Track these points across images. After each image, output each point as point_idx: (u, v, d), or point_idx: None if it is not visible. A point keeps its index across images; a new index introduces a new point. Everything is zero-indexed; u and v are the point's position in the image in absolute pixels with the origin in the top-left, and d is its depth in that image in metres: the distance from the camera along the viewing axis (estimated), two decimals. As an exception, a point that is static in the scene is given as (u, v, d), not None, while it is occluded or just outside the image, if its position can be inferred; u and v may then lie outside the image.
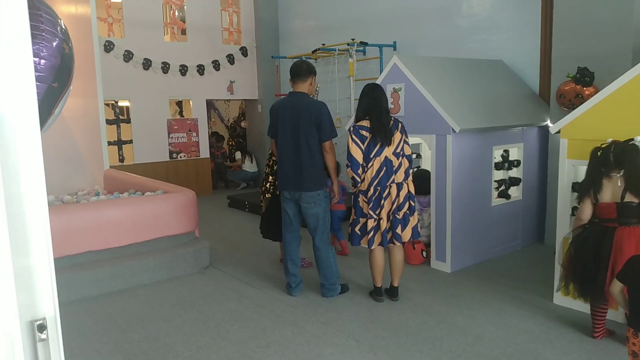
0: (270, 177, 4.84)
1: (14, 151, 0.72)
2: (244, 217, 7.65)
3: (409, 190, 4.00)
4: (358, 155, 3.91)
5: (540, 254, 5.29)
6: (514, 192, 5.42)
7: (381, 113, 3.94)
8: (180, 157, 9.32)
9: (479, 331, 3.60)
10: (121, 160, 8.76)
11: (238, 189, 10.09)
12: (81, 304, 4.26)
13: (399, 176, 3.95)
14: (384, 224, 3.97)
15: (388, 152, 3.91)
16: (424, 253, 5.10)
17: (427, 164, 5.72)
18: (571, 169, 3.85)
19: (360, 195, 4.02)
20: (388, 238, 4.01)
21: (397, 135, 3.94)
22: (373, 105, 3.96)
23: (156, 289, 4.61)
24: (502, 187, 5.29)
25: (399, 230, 3.97)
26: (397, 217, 3.96)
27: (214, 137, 10.71)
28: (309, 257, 5.06)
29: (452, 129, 4.59)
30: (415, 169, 5.86)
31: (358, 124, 3.99)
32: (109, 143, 7.78)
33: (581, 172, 3.90)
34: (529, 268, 4.88)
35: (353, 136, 3.93)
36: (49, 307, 0.76)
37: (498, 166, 5.17)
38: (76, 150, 7.30)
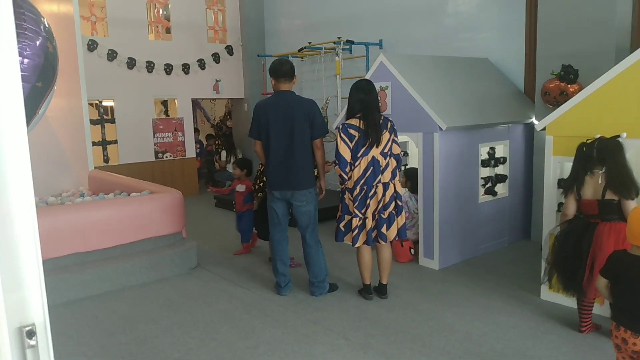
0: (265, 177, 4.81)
1: (1, 153, 0.70)
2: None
3: (395, 190, 4.00)
4: (346, 154, 3.91)
5: (526, 250, 5.34)
6: (501, 189, 5.46)
7: (374, 111, 3.93)
8: (166, 157, 9.24)
9: (468, 328, 3.62)
10: (106, 160, 8.67)
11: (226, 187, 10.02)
12: (67, 307, 4.20)
13: (386, 176, 3.95)
14: (369, 223, 3.97)
15: (376, 152, 3.91)
16: (412, 250, 5.12)
17: (414, 161, 5.73)
18: (557, 165, 3.89)
19: (346, 192, 4.02)
20: (373, 237, 4.02)
21: (386, 135, 3.94)
22: (367, 102, 3.94)
23: (143, 291, 4.56)
24: (489, 184, 5.33)
25: (384, 229, 3.97)
26: (382, 216, 3.96)
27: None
28: (297, 258, 5.05)
29: (439, 126, 4.61)
30: (404, 167, 5.89)
31: (347, 122, 3.97)
32: (94, 143, 7.69)
33: (567, 168, 3.94)
34: (516, 264, 4.92)
35: (342, 134, 3.92)
36: (38, 312, 0.74)
37: (484, 163, 5.21)
38: (60, 150, 7.20)
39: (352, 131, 3.91)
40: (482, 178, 5.22)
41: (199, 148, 10.52)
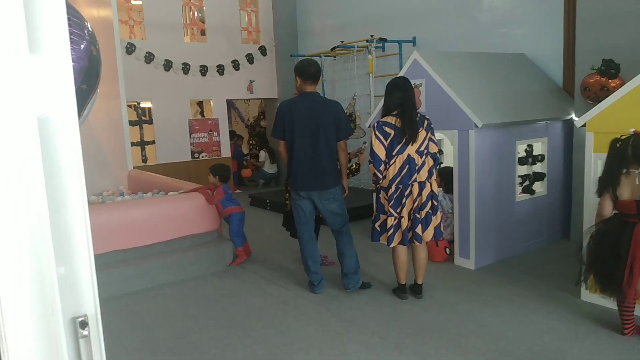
0: None
1: (56, 154, 0.74)
2: (266, 215, 7.69)
3: (431, 190, 3.95)
4: (381, 152, 3.89)
5: (566, 250, 5.20)
6: (539, 187, 5.34)
7: (411, 108, 3.90)
8: (202, 156, 9.41)
9: (505, 329, 3.57)
10: (144, 160, 8.89)
11: (258, 188, 10.14)
12: (108, 303, 4.32)
13: (422, 175, 3.91)
14: (404, 223, 3.94)
15: (411, 150, 3.87)
16: (447, 250, 5.06)
17: (449, 160, 5.67)
18: (597, 163, 3.78)
19: (381, 191, 4.00)
20: (409, 237, 3.99)
21: (422, 133, 3.89)
22: (404, 99, 3.90)
23: (181, 287, 4.66)
24: (526, 183, 5.22)
25: (419, 230, 3.94)
26: (418, 216, 3.93)
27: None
28: (330, 256, 5.07)
29: (475, 124, 4.55)
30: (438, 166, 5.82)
31: (382, 119, 3.94)
32: (132, 144, 7.89)
33: (607, 166, 3.84)
34: (554, 264, 4.81)
35: (377, 132, 3.90)
36: (90, 304, 0.78)
37: (522, 161, 5.10)
38: (100, 151, 7.42)
39: (387, 129, 3.88)
40: (519, 176, 5.12)
41: (233, 150, 10.65)
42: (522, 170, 5.18)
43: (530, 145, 5.17)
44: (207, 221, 5.21)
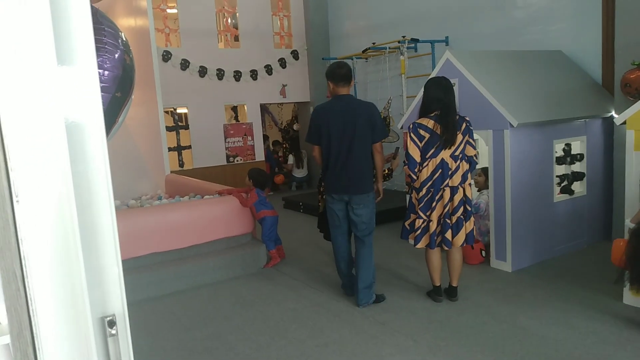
0: None
1: (84, 160, 0.79)
2: (299, 217, 7.74)
3: (464, 195, 3.88)
4: (416, 154, 3.85)
5: (606, 252, 4.99)
6: (578, 187, 5.19)
7: (451, 111, 3.81)
8: (237, 160, 9.54)
9: (544, 332, 3.48)
10: (181, 165, 9.08)
11: (291, 191, 10.22)
12: (147, 304, 4.45)
13: (455, 179, 3.84)
14: (432, 226, 3.90)
15: (445, 154, 3.81)
16: (483, 252, 4.97)
17: (484, 160, 5.57)
18: (638, 161, 3.66)
19: (413, 191, 3.98)
20: (437, 241, 3.94)
21: (459, 137, 3.81)
22: (445, 102, 3.81)
23: (217, 289, 4.75)
24: (565, 183, 5.08)
25: (448, 235, 3.88)
26: (448, 221, 3.87)
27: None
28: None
29: (510, 123, 4.46)
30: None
31: (418, 121, 3.88)
32: (169, 149, 8.08)
33: (651, 164, 3.70)
34: (595, 267, 4.66)
35: (412, 134, 3.85)
36: (117, 304, 0.82)
37: (560, 161, 4.97)
38: (139, 156, 7.63)
39: (422, 131, 3.83)
40: (557, 176, 4.99)
41: (266, 154, 10.76)
42: (560, 170, 5.05)
43: (568, 144, 5.03)
44: (241, 224, 5.28)
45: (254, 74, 9.49)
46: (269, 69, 9.65)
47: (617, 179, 5.13)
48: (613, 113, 5.14)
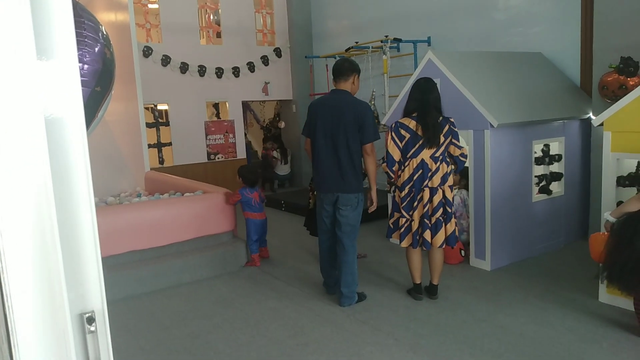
0: None
1: (63, 155, 0.76)
2: (281, 216, 7.71)
3: (444, 196, 3.89)
4: (395, 153, 3.88)
5: (583, 251, 5.09)
6: (556, 187, 5.27)
7: (431, 111, 3.83)
8: (218, 158, 9.47)
9: (522, 330, 3.53)
10: (161, 162, 8.98)
11: (274, 189, 10.18)
12: (125, 302, 4.38)
13: (435, 181, 3.86)
14: (415, 226, 3.93)
15: (426, 154, 3.84)
16: (462, 252, 5.02)
17: (464, 160, 5.63)
18: (615, 162, 3.73)
19: (397, 190, 4.00)
20: (419, 242, 3.97)
21: (440, 139, 3.83)
22: (424, 102, 3.84)
23: (197, 287, 4.70)
24: (543, 183, 5.15)
25: (427, 236, 3.90)
26: (427, 222, 3.90)
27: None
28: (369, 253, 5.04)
29: (490, 123, 4.51)
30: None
31: (400, 120, 3.91)
32: (149, 146, 7.98)
33: (626, 165, 3.78)
34: (572, 266, 4.74)
35: (393, 133, 3.89)
36: (97, 300, 0.80)
37: (538, 161, 5.04)
38: (118, 153, 7.52)
39: (402, 131, 3.86)
40: (536, 176, 5.06)
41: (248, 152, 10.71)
42: (539, 170, 5.12)
43: (547, 145, 5.11)
44: (222, 222, 5.24)
45: (236, 71, 9.43)
46: (251, 66, 9.60)
47: (594, 180, 5.23)
48: (591, 115, 5.24)
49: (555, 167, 5.23)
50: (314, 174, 4.16)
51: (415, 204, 3.90)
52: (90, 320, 0.79)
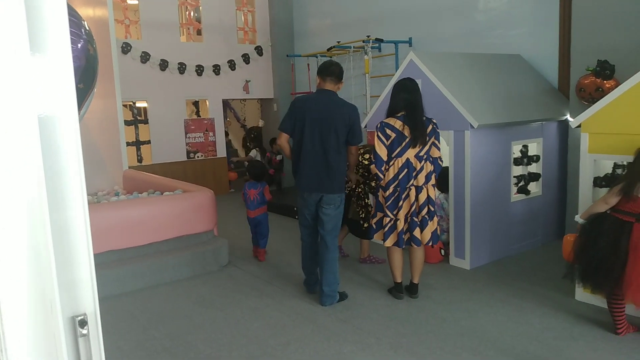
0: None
1: (56, 154, 0.74)
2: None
3: (428, 195, 3.94)
4: (382, 153, 3.89)
5: (560, 251, 5.19)
6: (534, 187, 5.36)
7: (417, 111, 3.87)
8: (198, 156, 9.39)
9: (500, 328, 3.58)
10: (139, 160, 8.86)
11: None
12: (103, 303, 4.28)
13: (420, 179, 3.90)
14: (400, 225, 3.95)
15: (410, 154, 3.87)
16: (442, 251, 5.07)
17: (445, 160, 5.68)
18: (592, 163, 3.80)
19: (380, 190, 4.02)
20: (405, 239, 3.99)
21: (425, 138, 3.88)
22: (410, 101, 3.88)
23: (177, 287, 4.66)
24: (522, 183, 5.24)
25: (417, 233, 3.94)
26: (416, 220, 3.94)
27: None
28: (380, 254, 5.07)
29: (470, 124, 4.56)
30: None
31: (385, 120, 3.94)
32: (128, 144, 7.87)
33: (603, 166, 3.86)
34: (549, 265, 4.82)
35: (379, 133, 3.90)
36: (89, 303, 0.78)
37: (517, 162, 5.12)
38: (96, 151, 7.40)
39: (388, 131, 3.89)
40: (514, 177, 5.14)
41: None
42: (518, 170, 5.20)
43: (525, 146, 5.19)
44: (202, 221, 5.20)
45: (216, 69, 9.36)
46: (232, 64, 9.54)
47: (571, 180, 5.33)
48: (568, 116, 5.33)
49: (534, 168, 5.32)
50: (298, 174, 4.09)
51: (401, 203, 3.93)
52: (83, 323, 0.77)
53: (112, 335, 3.71)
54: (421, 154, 3.89)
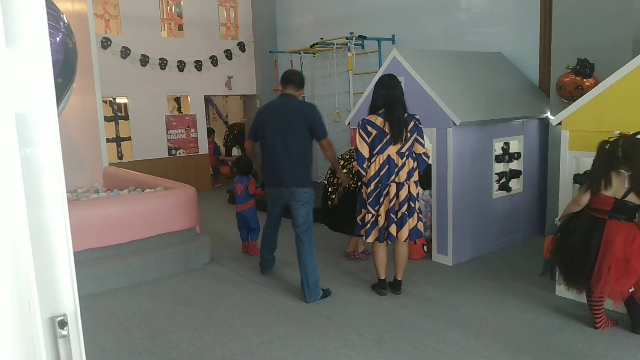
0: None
1: (34, 151, 0.72)
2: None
3: (409, 191, 3.96)
4: (364, 150, 3.91)
5: (541, 246, 5.23)
6: (515, 184, 5.42)
7: (397, 107, 3.89)
8: (179, 153, 9.30)
9: (482, 323, 3.61)
10: (120, 157, 8.74)
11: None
12: (83, 302, 4.22)
13: (402, 176, 3.92)
14: (381, 221, 3.98)
15: (392, 150, 3.89)
16: (425, 248, 5.10)
17: (427, 157, 5.72)
18: (572, 160, 3.86)
19: (363, 187, 4.04)
20: (385, 235, 4.02)
21: (406, 135, 3.89)
22: (390, 98, 3.91)
23: (158, 286, 4.60)
24: (503, 180, 5.29)
25: (393, 230, 3.97)
26: (393, 216, 3.96)
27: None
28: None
29: (453, 121, 4.59)
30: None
31: (367, 117, 3.96)
32: (108, 140, 7.75)
33: (583, 163, 3.91)
34: (530, 260, 4.88)
35: (360, 131, 3.93)
36: (69, 303, 0.76)
37: (498, 159, 5.17)
38: (74, 147, 7.27)
39: (369, 128, 3.90)
40: (496, 173, 5.19)
41: (213, 149, 10.63)
42: (499, 167, 5.25)
43: (507, 143, 5.24)
44: (184, 219, 5.15)
45: (198, 65, 9.27)
46: (214, 60, 9.45)
47: (551, 177, 5.41)
48: (548, 114, 5.40)
49: (515, 165, 5.37)
50: (264, 171, 4.38)
51: (382, 199, 3.95)
52: (62, 324, 0.75)
53: (92, 335, 3.65)
54: (403, 150, 3.90)
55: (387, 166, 3.89)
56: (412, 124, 3.92)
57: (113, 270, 4.58)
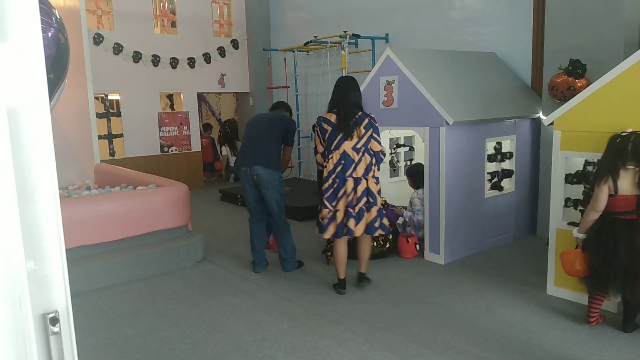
0: None
1: (26, 147, 0.71)
2: (236, 210, 7.63)
3: (367, 186, 4.02)
4: (318, 145, 4.19)
5: (532, 246, 5.33)
6: (507, 184, 5.45)
7: (345, 107, 4.06)
8: (172, 150, 9.26)
9: (474, 322, 3.63)
10: (112, 154, 8.69)
11: (230, 182, 10.06)
12: (73, 299, 4.18)
13: (359, 171, 3.99)
14: (340, 216, 4.04)
15: (347, 146, 3.99)
16: (418, 246, 5.11)
17: (420, 156, 5.73)
18: (564, 160, 3.88)
19: (323, 183, 4.15)
20: (344, 231, 4.06)
21: (361, 131, 4.00)
22: (339, 98, 4.13)
23: (150, 284, 4.59)
24: (495, 179, 5.31)
25: (351, 224, 4.00)
26: (351, 211, 4.01)
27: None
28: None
29: (446, 121, 4.60)
30: (408, 162, 5.91)
31: (323, 115, 4.16)
32: (100, 137, 7.71)
33: (574, 163, 3.94)
34: (521, 259, 4.91)
35: (316, 127, 4.17)
36: (61, 300, 0.75)
37: (491, 158, 5.19)
38: (66, 144, 7.23)
39: (325, 125, 4.09)
40: (488, 173, 5.21)
41: (211, 144, 10.64)
42: (491, 167, 5.27)
43: (499, 143, 5.26)
44: (176, 216, 5.13)
45: (191, 62, 9.23)
46: (207, 57, 9.42)
47: (543, 177, 5.44)
48: (541, 114, 5.43)
49: (507, 165, 5.40)
50: (239, 153, 5.02)
51: (340, 194, 4.01)
52: (54, 320, 0.74)
53: (82, 333, 3.63)
54: (358, 146, 4.00)
55: (343, 161, 4.00)
56: (366, 121, 4.04)
57: (104, 268, 4.55)
